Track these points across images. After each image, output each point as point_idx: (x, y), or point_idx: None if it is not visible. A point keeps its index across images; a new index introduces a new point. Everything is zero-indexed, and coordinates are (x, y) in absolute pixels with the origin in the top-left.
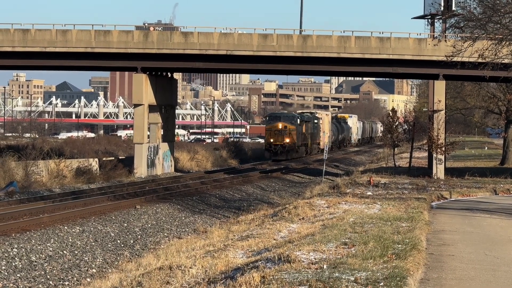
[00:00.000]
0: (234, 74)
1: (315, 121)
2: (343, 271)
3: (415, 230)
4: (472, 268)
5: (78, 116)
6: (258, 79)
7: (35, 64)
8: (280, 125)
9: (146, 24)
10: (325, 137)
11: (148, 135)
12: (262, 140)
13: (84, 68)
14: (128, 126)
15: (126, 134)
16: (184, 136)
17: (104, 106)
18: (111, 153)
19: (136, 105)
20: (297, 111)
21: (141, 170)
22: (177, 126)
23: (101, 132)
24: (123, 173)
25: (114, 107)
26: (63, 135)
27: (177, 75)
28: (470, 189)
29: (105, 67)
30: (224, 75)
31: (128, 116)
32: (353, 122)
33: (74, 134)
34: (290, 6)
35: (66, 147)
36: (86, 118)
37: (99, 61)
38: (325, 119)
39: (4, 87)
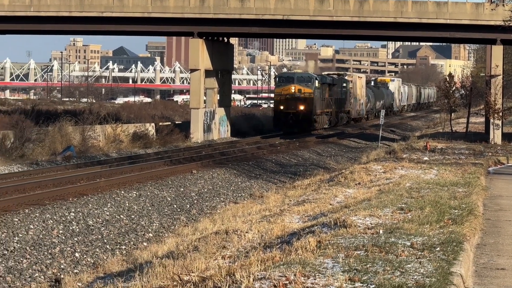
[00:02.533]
0: (290, 39)
1: (343, 84)
2: (399, 236)
3: (471, 196)
4: None
5: (134, 81)
6: (315, 44)
7: (92, 29)
8: (293, 88)
9: None
10: (357, 104)
11: (204, 100)
12: None
13: (140, 33)
14: (185, 91)
15: (183, 99)
16: (240, 101)
17: (160, 71)
18: (168, 118)
19: (192, 70)
20: (323, 73)
21: (197, 135)
22: (233, 91)
23: (158, 97)
24: (179, 138)
25: (171, 72)
26: (120, 100)
27: (233, 40)
28: None
29: (162, 32)
30: (281, 40)
31: (185, 81)
32: (396, 87)
33: (131, 99)
34: None
35: (123, 112)
36: (143, 83)
37: (155, 26)
38: (357, 83)
39: (61, 52)
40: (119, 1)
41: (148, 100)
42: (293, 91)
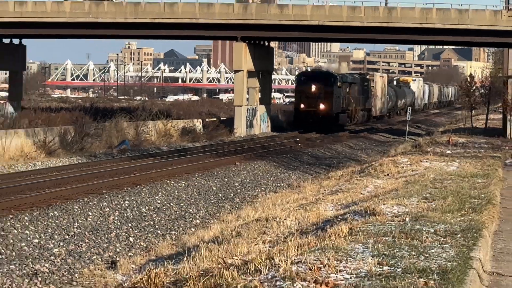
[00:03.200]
0: (325, 43)
1: (365, 83)
2: (424, 224)
3: (490, 186)
4: None
5: (183, 80)
6: (347, 47)
7: (145, 34)
8: (313, 87)
9: None
10: (378, 102)
11: (247, 98)
12: None
13: (189, 37)
14: (229, 90)
15: (227, 97)
16: (280, 99)
17: (207, 72)
18: (213, 115)
19: (236, 71)
20: (347, 72)
21: (240, 130)
22: (273, 90)
23: (205, 95)
24: (224, 133)
25: (216, 73)
26: (170, 98)
27: (273, 44)
28: None
29: (208, 36)
30: (316, 43)
31: (229, 81)
32: (418, 86)
33: (180, 97)
34: None
35: (173, 109)
36: (191, 82)
37: (202, 31)
38: (378, 82)
39: (117, 55)
40: (170, 8)
41: (196, 98)
42: (313, 90)
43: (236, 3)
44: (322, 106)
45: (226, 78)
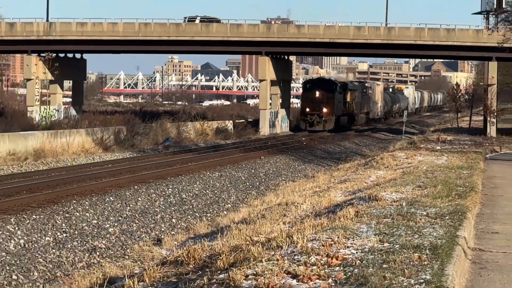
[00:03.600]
0: (335, 57)
1: (364, 90)
2: (418, 208)
3: (473, 176)
4: None
5: (217, 88)
6: (354, 60)
7: (185, 49)
8: (317, 93)
9: (268, 19)
10: (375, 107)
11: (270, 103)
12: None
13: (221, 52)
14: (255, 96)
15: (253, 102)
16: (297, 103)
17: (236, 81)
18: (242, 117)
19: (261, 80)
20: (348, 80)
21: (264, 130)
22: (292, 96)
23: (235, 100)
24: (251, 132)
25: (244, 82)
26: (206, 103)
27: (292, 57)
28: None
29: (237, 51)
30: (328, 57)
31: (255, 89)
32: (410, 93)
33: (214, 102)
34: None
35: (208, 112)
36: (223, 90)
37: (232, 47)
38: (375, 89)
39: (162, 67)
40: (206, 28)
41: (227, 103)
42: (317, 95)
43: (260, 23)
44: (324, 109)
45: (253, 86)
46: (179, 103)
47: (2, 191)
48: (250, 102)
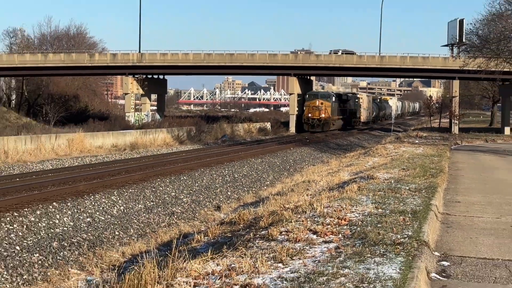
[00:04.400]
0: (343, 77)
1: (356, 100)
2: (402, 184)
3: (442, 162)
4: (473, 182)
5: (259, 99)
6: (357, 79)
7: (236, 72)
8: (317, 102)
9: (295, 50)
10: (365, 113)
11: (296, 109)
12: None
13: (262, 74)
14: (286, 105)
15: (285, 109)
16: None
17: (273, 94)
18: (277, 119)
19: (290, 94)
20: (342, 92)
21: (293, 129)
22: None
23: (272, 108)
24: (283, 130)
25: (279, 95)
26: (251, 110)
27: (312, 77)
28: (472, 139)
29: (274, 73)
30: (338, 77)
31: (286, 100)
32: (394, 102)
33: (257, 109)
34: (368, 31)
35: (253, 116)
36: (264, 101)
37: (270, 70)
38: (364, 99)
39: (220, 84)
40: (251, 57)
41: (267, 110)
42: (317, 104)
43: (290, 53)
44: (322, 114)
45: (285, 98)
46: (232, 110)
47: (108, 172)
48: (283, 109)
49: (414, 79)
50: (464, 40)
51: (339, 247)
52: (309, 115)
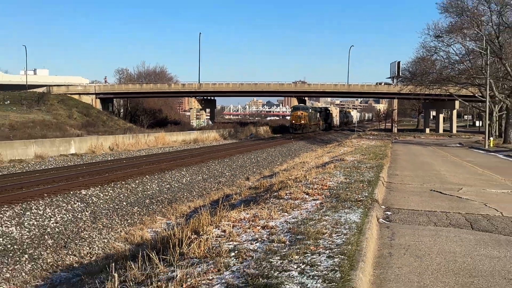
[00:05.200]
0: (325, 97)
1: (327, 111)
2: (362, 163)
3: (386, 150)
4: (406, 163)
5: (273, 112)
6: (332, 99)
7: (258, 95)
8: (298, 113)
9: (295, 81)
10: (334, 120)
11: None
12: None
13: (275, 96)
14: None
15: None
16: None
17: (282, 108)
18: (284, 125)
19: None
20: (320, 106)
21: (292, 131)
22: None
23: (281, 117)
24: (289, 130)
25: (286, 109)
26: (268, 119)
27: (307, 98)
28: (405, 136)
29: (282, 95)
30: (322, 97)
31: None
32: (354, 113)
33: (272, 118)
34: (341, 69)
35: (269, 122)
36: (276, 112)
37: (280, 93)
38: (334, 111)
39: (249, 102)
40: (267, 85)
41: (278, 118)
42: (298, 114)
43: (292, 83)
44: (302, 121)
45: (289, 111)
46: (256, 118)
47: (179, 156)
48: (288, 118)
49: (369, 98)
50: (400, 74)
51: (322, 203)
52: (293, 121)
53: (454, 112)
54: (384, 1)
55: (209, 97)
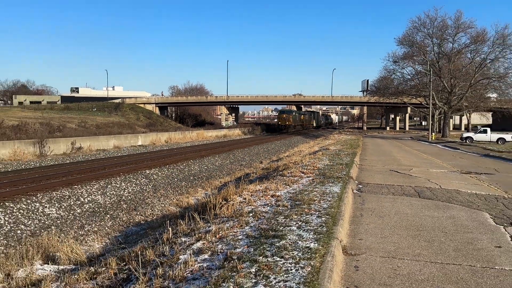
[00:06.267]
0: (315, 105)
1: (311, 114)
2: (341, 151)
3: (358, 142)
4: (373, 151)
5: None
6: (319, 107)
7: (269, 104)
8: (284, 115)
9: (296, 93)
10: (318, 121)
11: None
12: None
13: (281, 104)
14: None
15: None
16: None
17: None
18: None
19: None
20: (306, 110)
21: (293, 129)
22: None
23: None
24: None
25: None
26: (275, 120)
27: (302, 105)
28: (372, 132)
29: (285, 104)
30: (314, 105)
31: None
32: (335, 116)
33: None
34: (326, 83)
35: (276, 123)
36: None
37: (284, 103)
38: (318, 114)
39: (262, 109)
40: (275, 97)
41: None
42: (284, 116)
43: (292, 95)
44: (287, 122)
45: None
46: (267, 120)
47: (213, 146)
48: None
49: (346, 106)
50: (368, 88)
51: (313, 179)
52: (280, 123)
53: (407, 115)
54: (358, 38)
55: (234, 105)
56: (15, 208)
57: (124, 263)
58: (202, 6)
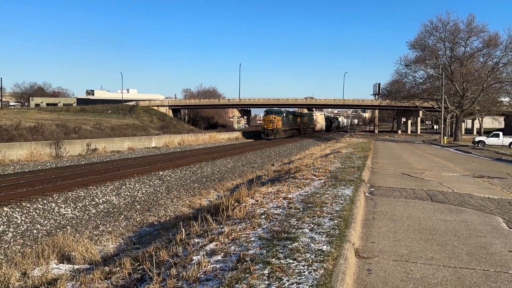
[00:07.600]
0: (326, 108)
1: (311, 116)
2: (353, 155)
3: (370, 145)
4: (384, 154)
5: None
6: (330, 110)
7: (281, 107)
8: (271, 117)
9: (307, 96)
10: (318, 125)
11: None
12: None
13: (292, 107)
14: None
15: None
16: None
17: None
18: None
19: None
20: (304, 111)
21: (303, 132)
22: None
23: None
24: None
25: None
26: None
27: (313, 109)
28: (384, 136)
29: (297, 107)
30: (325, 108)
31: None
32: (342, 119)
33: None
34: (333, 82)
35: None
36: None
37: (295, 106)
38: (318, 116)
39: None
40: (286, 100)
41: None
42: (270, 118)
43: (304, 98)
44: (274, 126)
45: None
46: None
47: (226, 148)
48: None
49: (358, 109)
50: (380, 92)
51: (325, 182)
52: (265, 126)
53: (419, 118)
54: (369, 42)
55: (245, 108)
56: (32, 208)
57: (138, 263)
58: (216, 10)
